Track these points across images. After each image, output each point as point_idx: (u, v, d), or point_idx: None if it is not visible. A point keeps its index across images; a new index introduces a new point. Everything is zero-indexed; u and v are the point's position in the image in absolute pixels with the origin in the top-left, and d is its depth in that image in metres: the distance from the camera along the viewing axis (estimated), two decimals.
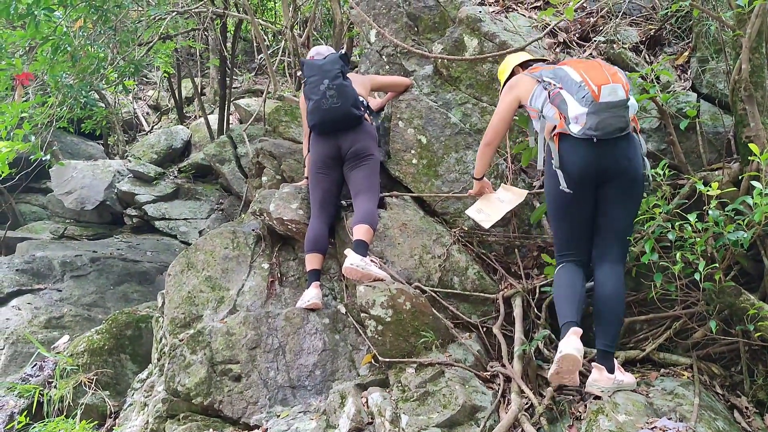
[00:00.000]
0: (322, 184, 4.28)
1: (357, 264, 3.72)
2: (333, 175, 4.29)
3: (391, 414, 3.23)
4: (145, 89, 14.00)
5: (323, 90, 4.15)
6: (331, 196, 4.31)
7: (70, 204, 9.23)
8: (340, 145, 4.23)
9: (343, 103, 4.15)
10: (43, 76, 6.08)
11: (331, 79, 4.17)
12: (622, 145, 3.09)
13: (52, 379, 5.01)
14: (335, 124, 4.20)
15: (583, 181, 3.14)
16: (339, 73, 4.21)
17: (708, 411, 3.04)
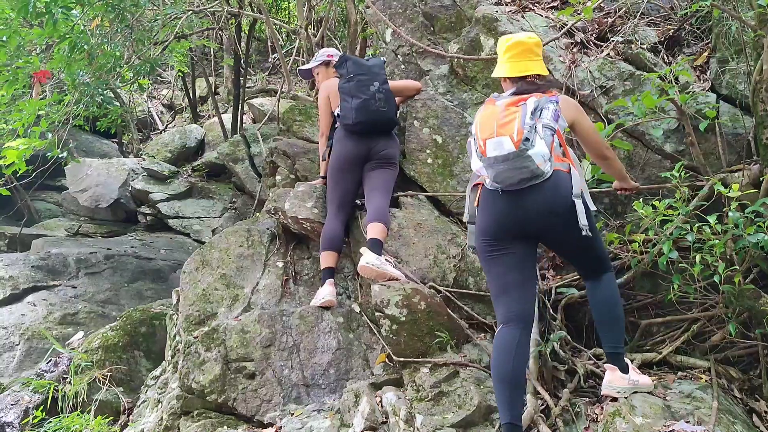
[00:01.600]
0: (343, 184, 4.29)
1: (372, 263, 3.72)
2: (355, 175, 4.32)
3: (405, 414, 3.22)
4: (160, 88, 14.07)
5: (373, 91, 4.22)
6: (350, 197, 4.32)
7: (85, 202, 9.29)
8: (371, 147, 4.28)
9: (389, 109, 4.27)
10: (60, 75, 6.12)
11: (381, 83, 4.29)
12: (535, 196, 2.85)
13: (66, 375, 5.04)
14: (376, 127, 4.27)
15: (496, 235, 2.96)
16: (386, 79, 4.38)
17: (726, 414, 3.01)
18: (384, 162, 4.30)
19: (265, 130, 8.75)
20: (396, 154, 4.39)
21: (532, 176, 2.81)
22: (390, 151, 4.32)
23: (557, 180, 2.85)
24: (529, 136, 2.76)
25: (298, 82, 10.12)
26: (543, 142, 2.79)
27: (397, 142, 4.44)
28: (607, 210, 3.97)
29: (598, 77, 4.18)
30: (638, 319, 3.76)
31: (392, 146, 4.35)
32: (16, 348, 5.65)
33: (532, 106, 2.83)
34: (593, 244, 3.01)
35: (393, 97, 4.35)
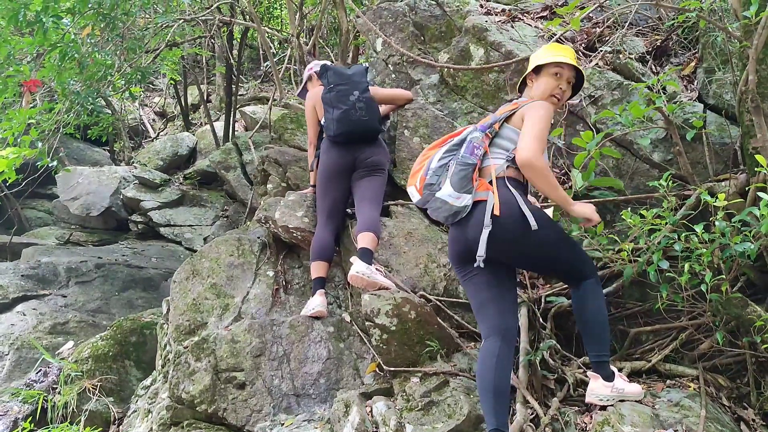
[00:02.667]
0: (331, 194, 4.30)
1: (362, 272, 3.72)
2: (343, 184, 4.32)
3: (395, 423, 3.22)
4: (152, 96, 14.06)
5: (353, 101, 4.22)
6: (339, 206, 4.34)
7: (76, 210, 9.26)
8: (356, 156, 4.29)
9: (370, 118, 4.26)
10: (50, 83, 6.12)
11: (361, 92, 4.28)
12: (466, 228, 2.94)
13: (56, 385, 5.01)
14: (358, 136, 4.28)
15: (459, 262, 3.09)
16: (367, 87, 4.34)
17: (714, 423, 3.03)
18: (371, 170, 4.30)
19: (257, 138, 8.76)
20: (383, 160, 4.38)
21: (452, 213, 2.95)
22: (376, 158, 4.32)
23: (479, 211, 2.91)
24: (432, 181, 3.03)
25: (289, 90, 10.13)
26: (449, 181, 2.95)
27: (384, 148, 4.44)
28: None
29: (587, 87, 4.21)
30: (627, 327, 3.78)
31: (378, 153, 4.35)
32: (6, 358, 5.62)
33: (447, 147, 3.08)
34: (557, 257, 3.00)
35: (375, 104, 4.35)
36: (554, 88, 3.09)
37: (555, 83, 3.09)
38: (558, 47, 3.19)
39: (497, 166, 2.98)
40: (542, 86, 3.10)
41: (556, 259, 3.00)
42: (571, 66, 3.10)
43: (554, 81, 3.09)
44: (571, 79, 3.14)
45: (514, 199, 2.90)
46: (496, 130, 3.04)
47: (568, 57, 3.11)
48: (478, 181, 2.94)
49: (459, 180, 2.94)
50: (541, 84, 3.11)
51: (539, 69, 3.13)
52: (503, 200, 2.88)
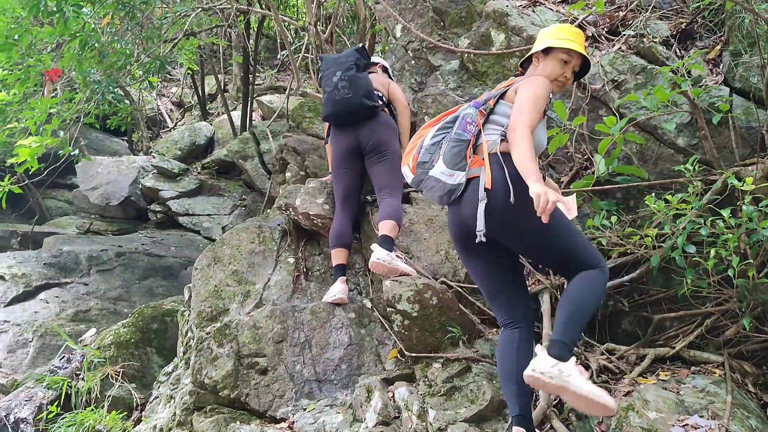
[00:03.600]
0: (344, 180, 4.28)
1: (383, 258, 3.72)
2: (354, 169, 4.28)
3: (418, 408, 3.22)
4: (169, 86, 14.12)
5: (335, 82, 4.18)
6: (353, 191, 4.31)
7: (96, 199, 9.35)
8: (358, 137, 4.22)
9: (355, 94, 4.15)
10: (71, 73, 6.15)
11: (344, 71, 4.19)
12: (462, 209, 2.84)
13: (79, 371, 5.08)
14: (348, 116, 4.20)
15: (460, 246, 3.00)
16: (353, 65, 4.23)
17: (740, 409, 3.00)
18: (379, 154, 4.20)
19: (274, 127, 8.78)
20: (388, 137, 4.24)
21: (446, 192, 2.86)
22: (378, 138, 4.20)
23: (472, 188, 2.82)
24: (425, 159, 2.94)
25: (306, 79, 10.12)
26: (442, 158, 2.86)
27: (388, 125, 4.30)
28: (620, 204, 3.95)
29: (610, 71, 4.16)
30: (651, 313, 3.74)
31: (379, 131, 4.22)
32: (30, 345, 5.70)
33: (440, 125, 2.99)
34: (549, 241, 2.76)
35: (362, 81, 4.20)
36: (559, 74, 2.99)
37: (561, 70, 2.98)
38: (569, 30, 3.07)
39: (491, 142, 2.87)
40: (548, 69, 2.98)
41: (549, 243, 2.75)
42: (579, 54, 3.00)
43: (560, 68, 2.98)
44: (576, 68, 3.03)
45: (503, 173, 2.75)
46: (490, 107, 2.95)
47: (579, 43, 3.01)
48: (472, 157, 2.85)
49: (452, 156, 2.85)
50: (547, 67, 2.99)
51: (548, 50, 3.01)
52: (494, 175, 2.76)
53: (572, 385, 2.40)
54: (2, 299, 6.18)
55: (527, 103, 2.78)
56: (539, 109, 2.80)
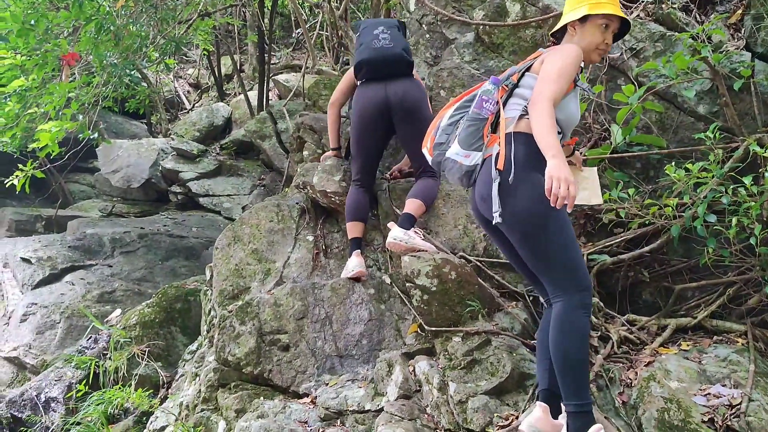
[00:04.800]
0: (365, 145, 4.14)
1: (399, 237, 3.73)
2: (378, 133, 4.14)
3: (438, 382, 3.25)
4: (185, 68, 14.15)
5: (377, 33, 4.08)
6: (373, 161, 4.23)
7: (117, 182, 9.45)
8: (388, 93, 4.03)
9: (396, 45, 4.04)
10: (88, 57, 6.18)
11: (387, 26, 4.12)
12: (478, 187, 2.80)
13: (106, 351, 5.19)
14: (384, 65, 4.04)
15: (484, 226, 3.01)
16: (395, 25, 4.18)
17: (764, 378, 2.98)
18: (411, 115, 4.01)
19: (291, 106, 8.77)
20: (420, 99, 4.08)
21: (464, 173, 2.83)
22: (411, 97, 4.02)
23: (485, 168, 2.76)
24: (441, 140, 2.91)
25: (322, 56, 10.08)
26: (458, 139, 2.83)
27: (419, 87, 4.15)
28: (639, 175, 3.91)
29: (628, 39, 4.08)
30: (672, 284, 3.72)
31: (412, 90, 4.05)
32: (58, 326, 5.83)
33: (459, 104, 2.93)
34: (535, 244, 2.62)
35: (402, 37, 4.14)
36: (600, 42, 2.80)
37: (602, 37, 2.79)
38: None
39: (509, 119, 2.76)
40: (587, 38, 2.78)
41: (540, 243, 2.61)
42: (617, 17, 2.81)
43: (600, 34, 2.78)
44: (616, 30, 2.84)
45: (510, 154, 2.66)
46: (514, 82, 2.84)
47: (616, 3, 2.83)
48: (490, 136, 2.77)
49: (466, 136, 2.79)
50: (586, 35, 2.79)
51: (585, 18, 2.78)
52: (506, 155, 2.67)
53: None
54: (29, 282, 6.31)
55: (552, 75, 2.65)
56: (566, 79, 2.66)
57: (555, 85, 2.62)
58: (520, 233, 2.67)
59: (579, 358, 2.54)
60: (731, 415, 2.73)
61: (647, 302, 3.82)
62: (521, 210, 2.61)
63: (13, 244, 6.93)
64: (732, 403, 2.79)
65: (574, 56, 2.70)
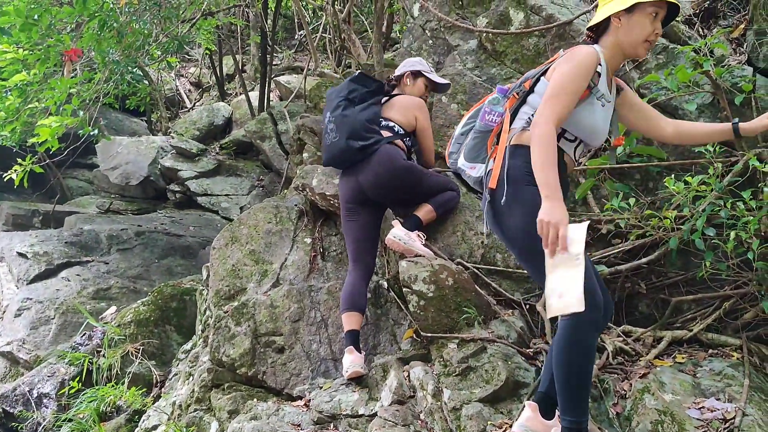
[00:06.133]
0: (352, 233, 3.90)
1: (400, 237, 3.71)
2: (362, 219, 3.89)
3: (433, 388, 3.24)
4: (187, 66, 14.16)
5: (326, 124, 3.92)
6: (365, 245, 3.88)
7: (116, 179, 9.45)
8: (360, 182, 3.83)
9: (340, 137, 3.79)
10: (90, 53, 6.19)
11: (332, 111, 3.89)
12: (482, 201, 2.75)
13: (100, 348, 5.18)
14: (341, 161, 3.89)
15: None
16: (341, 101, 3.88)
17: (758, 392, 2.98)
18: (396, 188, 3.81)
19: (292, 108, 8.79)
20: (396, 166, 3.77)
21: (477, 182, 2.84)
22: (384, 175, 3.76)
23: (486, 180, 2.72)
24: (453, 149, 2.91)
25: (324, 59, 10.10)
26: (464, 151, 2.84)
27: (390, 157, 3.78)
28: (638, 186, 3.92)
29: None
30: (669, 296, 3.71)
31: (384, 165, 3.76)
32: (52, 322, 5.81)
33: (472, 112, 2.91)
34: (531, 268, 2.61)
35: (350, 119, 3.80)
36: (650, 33, 2.51)
37: (651, 27, 2.51)
38: None
39: (513, 130, 2.64)
40: (635, 30, 2.51)
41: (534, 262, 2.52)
42: (665, 3, 2.51)
43: (650, 24, 2.50)
44: (662, 17, 2.55)
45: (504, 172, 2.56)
46: (526, 89, 2.71)
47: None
48: (494, 148, 2.71)
49: (470, 149, 2.81)
50: (634, 27, 2.51)
51: (632, 7, 2.49)
52: (500, 174, 2.58)
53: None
54: (25, 277, 6.30)
55: (555, 89, 2.47)
56: (570, 93, 2.47)
57: (557, 104, 2.46)
58: (518, 250, 2.64)
59: (582, 376, 2.47)
60: (725, 429, 2.72)
61: (644, 314, 3.81)
62: (516, 227, 2.55)
63: (10, 239, 6.92)
64: (726, 417, 2.79)
65: (586, 62, 2.50)
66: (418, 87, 4.15)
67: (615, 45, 2.59)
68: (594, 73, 2.53)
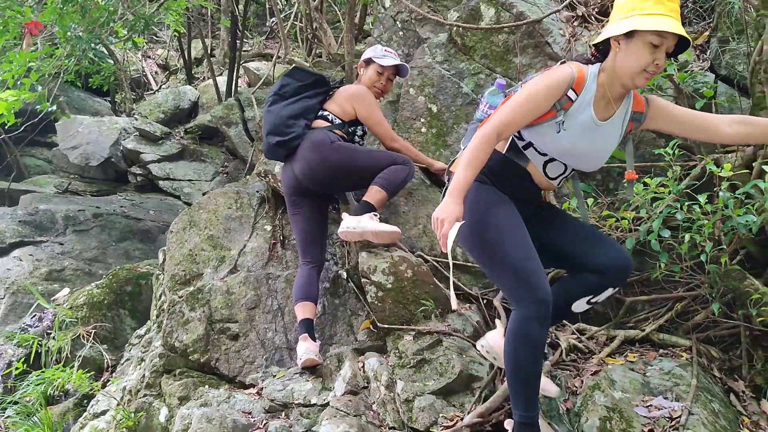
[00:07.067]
0: (298, 226, 3.86)
1: (351, 226, 3.59)
2: (306, 212, 3.85)
3: (387, 379, 3.23)
4: (155, 48, 13.88)
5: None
6: (311, 238, 3.82)
7: (75, 159, 9.20)
8: (295, 171, 3.76)
9: (264, 133, 3.84)
10: (52, 27, 6.00)
11: (266, 105, 3.91)
12: None
13: (50, 330, 5.05)
14: (270, 157, 3.94)
15: None
16: (272, 96, 3.88)
17: (705, 393, 3.03)
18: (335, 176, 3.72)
19: (259, 94, 8.64)
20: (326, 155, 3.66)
21: None
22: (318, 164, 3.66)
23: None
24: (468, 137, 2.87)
25: (295, 47, 9.99)
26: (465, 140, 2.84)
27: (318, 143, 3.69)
28: (599, 186, 3.96)
29: None
30: (623, 296, 3.77)
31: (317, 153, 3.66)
32: (1, 302, 5.64)
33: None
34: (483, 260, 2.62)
35: (271, 115, 3.80)
36: (649, 63, 2.32)
37: (649, 57, 2.31)
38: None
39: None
40: (633, 57, 2.34)
41: (478, 255, 2.62)
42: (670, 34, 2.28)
43: (649, 54, 2.30)
44: (671, 49, 2.34)
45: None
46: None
47: (673, 15, 2.30)
48: None
49: (466, 138, 2.84)
50: (632, 54, 2.34)
51: (633, 32, 2.31)
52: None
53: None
54: None
55: (513, 99, 2.45)
56: (526, 108, 2.42)
57: (507, 113, 2.44)
58: (465, 244, 2.66)
59: (530, 371, 2.49)
60: (671, 427, 2.77)
61: (598, 312, 3.86)
62: (467, 233, 2.55)
63: None
64: (672, 416, 2.83)
65: (550, 85, 2.42)
66: (369, 75, 4.05)
67: (613, 70, 2.44)
68: (562, 95, 2.44)
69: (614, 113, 2.55)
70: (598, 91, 2.48)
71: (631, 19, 2.31)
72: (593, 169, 2.71)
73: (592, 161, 2.64)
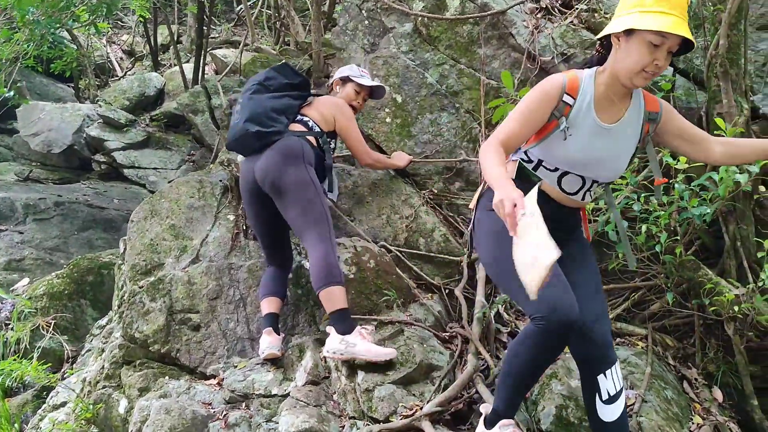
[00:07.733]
0: (257, 227, 3.74)
1: (335, 350, 3.17)
2: (263, 214, 3.64)
3: (347, 369, 3.23)
4: (120, 34, 13.62)
5: (235, 107, 3.74)
6: (272, 239, 3.71)
7: (37, 146, 8.99)
8: (255, 172, 3.53)
9: (241, 119, 3.56)
10: (10, 12, 5.86)
11: (243, 94, 3.72)
12: None
13: (9, 321, 4.95)
14: (239, 146, 3.65)
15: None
16: (253, 86, 3.71)
17: (659, 380, 3.11)
18: (282, 194, 3.40)
19: (226, 82, 8.54)
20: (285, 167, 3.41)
21: None
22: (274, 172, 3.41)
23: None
24: None
25: (263, 35, 9.90)
26: None
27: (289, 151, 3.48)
28: None
29: (560, 44, 4.17)
30: None
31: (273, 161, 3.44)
32: None
33: None
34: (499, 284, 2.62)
35: (255, 102, 3.61)
36: (648, 63, 2.23)
37: (649, 57, 2.21)
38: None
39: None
40: (633, 56, 2.24)
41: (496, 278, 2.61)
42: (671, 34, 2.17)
43: (649, 54, 2.21)
44: (674, 48, 2.24)
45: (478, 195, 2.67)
46: None
47: (676, 14, 2.19)
48: None
49: None
50: (631, 53, 2.24)
51: (632, 30, 2.23)
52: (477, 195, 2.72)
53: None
54: None
55: (508, 116, 2.41)
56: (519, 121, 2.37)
57: (504, 126, 2.38)
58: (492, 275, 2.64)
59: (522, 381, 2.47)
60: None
61: None
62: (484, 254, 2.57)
63: None
64: (627, 403, 2.89)
65: (541, 94, 2.37)
66: (347, 92, 4.00)
67: (612, 68, 2.35)
68: (558, 102, 2.37)
69: (623, 115, 2.43)
70: (598, 91, 2.39)
71: (631, 16, 2.22)
72: (613, 177, 2.56)
73: (609, 168, 2.50)
